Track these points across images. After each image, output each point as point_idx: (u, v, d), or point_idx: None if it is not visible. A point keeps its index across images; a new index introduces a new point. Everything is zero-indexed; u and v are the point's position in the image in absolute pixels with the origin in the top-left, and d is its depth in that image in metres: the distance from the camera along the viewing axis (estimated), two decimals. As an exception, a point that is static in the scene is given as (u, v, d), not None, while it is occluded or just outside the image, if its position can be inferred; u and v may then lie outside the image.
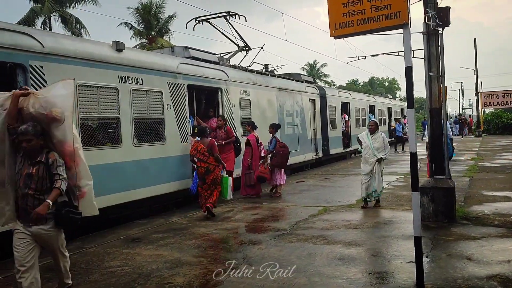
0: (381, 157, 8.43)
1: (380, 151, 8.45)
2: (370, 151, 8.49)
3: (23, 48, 6.48)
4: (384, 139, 8.53)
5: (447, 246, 5.78)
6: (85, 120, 7.41)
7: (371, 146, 8.49)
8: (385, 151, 8.52)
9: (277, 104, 14.10)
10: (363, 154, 8.63)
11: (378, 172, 8.44)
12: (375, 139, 8.53)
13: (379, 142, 8.47)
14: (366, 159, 8.54)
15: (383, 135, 8.59)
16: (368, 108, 24.66)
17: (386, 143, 8.55)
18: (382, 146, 8.45)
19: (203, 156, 8.30)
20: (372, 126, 8.72)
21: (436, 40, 7.28)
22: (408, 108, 4.16)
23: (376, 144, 8.47)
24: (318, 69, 65.34)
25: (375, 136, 8.56)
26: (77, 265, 5.68)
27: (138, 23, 35.35)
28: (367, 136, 8.64)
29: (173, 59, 9.89)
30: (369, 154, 8.50)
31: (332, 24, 4.50)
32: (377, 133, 8.59)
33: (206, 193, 8.31)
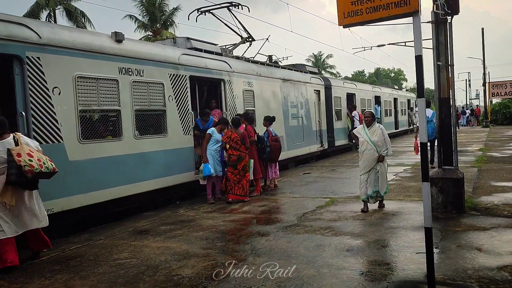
0: (382, 154, 7.48)
1: (380, 146, 7.47)
2: (370, 146, 7.50)
3: (19, 39, 6.39)
4: (383, 132, 7.56)
5: (457, 237, 5.74)
6: (85, 112, 7.35)
7: (370, 141, 7.50)
8: (386, 146, 7.53)
9: (281, 96, 14.02)
10: (361, 150, 7.65)
11: (383, 173, 7.56)
12: (373, 133, 7.55)
13: (377, 135, 7.49)
14: (365, 155, 7.56)
15: (381, 127, 7.65)
16: (374, 99, 24.51)
17: (386, 137, 7.56)
18: (382, 140, 7.47)
19: (235, 144, 8.98)
20: (369, 117, 7.70)
21: (444, 29, 7.18)
22: (418, 98, 4.09)
23: (374, 137, 7.49)
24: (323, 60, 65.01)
25: (372, 129, 7.58)
26: (85, 257, 5.70)
27: (143, 15, 35.29)
28: (364, 129, 7.69)
29: (174, 50, 9.82)
30: (369, 149, 7.51)
31: (340, 12, 4.42)
32: (374, 125, 7.62)
33: (235, 178, 8.98)
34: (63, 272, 5.16)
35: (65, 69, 7.00)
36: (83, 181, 7.18)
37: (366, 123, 7.69)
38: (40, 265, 5.46)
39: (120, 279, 4.81)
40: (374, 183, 7.51)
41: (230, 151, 9.00)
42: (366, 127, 7.67)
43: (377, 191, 7.53)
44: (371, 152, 7.48)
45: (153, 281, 4.69)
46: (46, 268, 5.32)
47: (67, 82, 7.01)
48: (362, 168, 7.64)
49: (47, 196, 6.55)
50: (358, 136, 7.76)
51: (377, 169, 7.51)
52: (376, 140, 7.46)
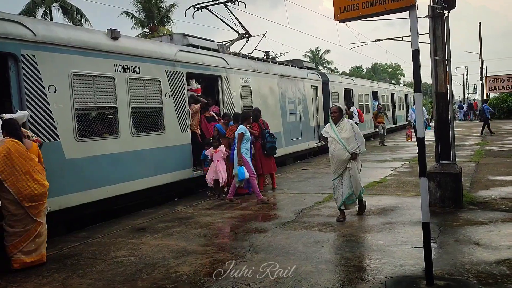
0: (355, 151, 6.64)
1: (351, 143, 6.62)
2: (339, 145, 6.61)
3: (14, 36, 6.34)
4: (353, 127, 6.73)
5: (455, 232, 5.74)
6: (81, 110, 7.30)
7: (339, 139, 6.63)
8: (357, 142, 6.67)
9: (279, 92, 13.99)
10: (330, 151, 6.78)
11: (355, 174, 6.67)
12: (342, 129, 6.69)
13: (347, 131, 6.65)
14: (335, 156, 6.69)
15: (351, 122, 6.85)
16: (372, 94, 24.50)
17: (358, 132, 6.73)
18: (352, 136, 6.63)
19: None
20: (335, 113, 6.75)
21: (441, 23, 7.16)
22: (415, 92, 4.07)
23: (344, 134, 6.64)
24: (321, 56, 64.90)
25: (340, 125, 6.73)
26: (83, 255, 5.69)
27: (139, 12, 35.13)
28: (331, 127, 6.79)
29: (170, 47, 9.77)
30: (339, 149, 6.62)
31: (336, 7, 4.39)
32: (343, 121, 6.76)
33: None
34: (60, 270, 5.15)
35: (60, 66, 6.96)
36: (81, 179, 7.16)
37: (333, 120, 6.78)
38: (38, 264, 5.43)
39: (118, 277, 4.79)
40: (349, 185, 6.67)
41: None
42: (334, 124, 6.79)
43: (352, 193, 6.69)
44: (341, 152, 6.62)
45: (151, 279, 4.68)
46: (43, 267, 5.30)
47: (63, 80, 6.97)
48: (334, 171, 6.79)
49: (44, 195, 6.53)
50: (326, 135, 6.91)
51: (349, 171, 6.66)
52: (345, 137, 6.63)
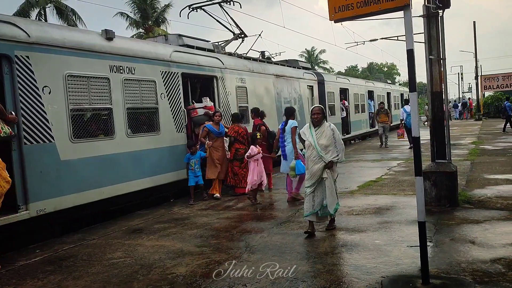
0: (332, 159, 5.97)
1: (329, 150, 5.95)
2: (315, 152, 5.98)
3: (7, 37, 6.29)
4: (334, 133, 6.04)
5: (451, 231, 5.76)
6: (76, 111, 7.25)
7: (315, 144, 5.97)
8: (336, 150, 6.01)
9: (275, 91, 13.98)
10: (306, 156, 6.21)
11: (329, 184, 5.97)
12: (321, 134, 6.02)
13: (326, 137, 5.99)
14: (309, 163, 6.08)
15: (332, 126, 6.08)
16: (367, 93, 24.54)
17: (338, 139, 6.07)
18: (331, 143, 5.97)
19: (242, 139, 9.27)
20: (318, 114, 6.07)
21: (436, 23, 7.18)
22: (410, 92, 4.08)
23: (322, 140, 5.98)
24: (316, 56, 64.98)
25: (320, 129, 6.05)
26: (79, 257, 5.66)
27: (134, 13, 35.06)
28: (310, 129, 6.15)
29: (166, 47, 9.74)
30: (314, 156, 5.98)
31: (331, 7, 4.40)
32: (324, 124, 6.08)
33: (243, 172, 9.18)
34: (56, 272, 5.12)
35: (55, 67, 6.92)
36: (76, 180, 7.12)
37: (314, 122, 6.10)
38: (33, 266, 5.41)
39: (114, 279, 4.77)
40: (322, 196, 6.01)
41: (238, 145, 9.25)
42: (313, 126, 6.13)
43: (325, 206, 6.01)
44: (316, 159, 5.96)
45: (147, 280, 4.66)
46: (39, 269, 5.27)
47: (57, 81, 6.93)
48: (308, 179, 6.12)
49: (39, 196, 6.51)
50: (303, 137, 6.24)
51: (324, 180, 5.99)
52: (323, 144, 5.96)
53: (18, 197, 6.29)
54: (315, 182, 6.00)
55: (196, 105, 10.17)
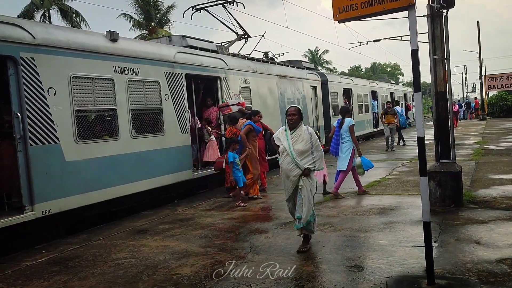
0: (309, 167, 5.34)
1: (305, 157, 5.33)
2: (289, 158, 5.34)
3: (13, 39, 6.34)
4: (312, 137, 5.40)
5: (455, 231, 5.74)
6: (81, 112, 7.29)
7: (290, 149, 5.32)
8: (313, 157, 5.37)
9: (278, 92, 13.99)
10: (281, 162, 5.49)
11: (306, 193, 5.32)
12: (297, 138, 5.38)
13: (303, 142, 5.35)
14: (283, 171, 5.44)
15: (309, 130, 5.46)
16: (371, 94, 24.51)
17: (316, 144, 5.44)
18: (308, 149, 5.34)
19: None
20: (294, 116, 5.42)
21: (440, 22, 7.17)
22: (415, 92, 4.08)
23: (298, 145, 5.34)
24: (319, 56, 64.96)
25: (296, 133, 5.41)
26: (84, 257, 5.68)
27: (138, 14, 35.17)
28: (285, 133, 5.47)
29: (169, 48, 9.77)
30: (288, 162, 5.35)
31: (335, 8, 4.40)
32: (300, 127, 5.44)
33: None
34: (61, 273, 5.14)
35: (60, 69, 6.96)
36: (81, 181, 7.15)
37: (290, 124, 5.45)
38: (39, 267, 5.44)
39: (119, 279, 4.79)
40: (298, 207, 5.39)
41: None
42: (289, 129, 5.47)
43: (299, 217, 5.35)
44: (291, 166, 5.34)
45: (152, 281, 4.67)
46: (44, 270, 5.30)
47: (62, 83, 6.96)
48: (285, 190, 5.56)
49: (44, 197, 6.55)
50: (278, 143, 5.57)
51: (299, 190, 5.37)
52: (299, 150, 5.32)
53: (23, 198, 6.34)
54: (292, 193, 5.42)
55: (230, 102, 10.28)
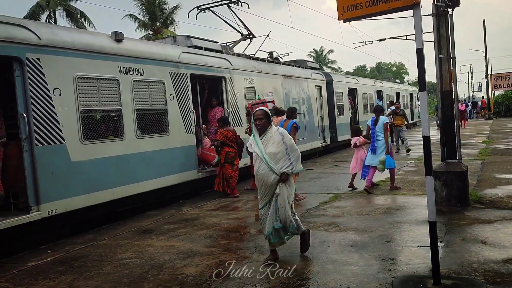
0: (285, 171, 4.95)
1: (279, 159, 4.93)
2: (263, 163, 4.94)
3: (18, 40, 6.37)
4: (284, 138, 5.00)
5: (461, 231, 5.71)
6: (86, 113, 7.32)
7: (263, 154, 4.93)
8: (289, 158, 4.97)
9: (283, 92, 13.98)
10: (256, 170, 5.07)
11: (283, 202, 4.94)
12: (268, 141, 4.98)
13: (275, 143, 4.96)
14: (259, 178, 5.01)
15: (280, 130, 5.08)
16: (376, 93, 24.44)
17: (290, 144, 5.01)
18: (282, 151, 4.95)
19: (231, 142, 9.40)
20: (261, 120, 4.99)
21: (445, 21, 7.13)
22: (420, 91, 4.06)
23: (270, 148, 4.94)
24: (324, 56, 64.87)
25: (267, 137, 5.01)
26: (89, 257, 5.71)
27: (143, 14, 35.25)
28: (255, 138, 5.08)
29: (174, 49, 9.79)
30: (263, 168, 4.93)
31: (340, 7, 4.39)
32: (270, 130, 5.04)
33: (235, 174, 9.43)
34: (67, 273, 5.17)
35: (65, 69, 6.99)
36: (86, 181, 7.18)
37: (258, 129, 5.04)
38: (45, 266, 5.46)
39: (125, 279, 4.81)
40: (275, 216, 4.98)
41: (228, 149, 9.34)
42: (258, 135, 5.07)
43: (281, 227, 5.00)
44: (266, 172, 4.92)
45: (158, 281, 4.68)
46: (50, 269, 5.32)
47: (67, 83, 7.00)
48: (260, 198, 5.10)
49: (50, 197, 6.58)
50: (250, 150, 5.19)
51: (277, 193, 4.96)
52: (272, 153, 4.93)
53: (29, 198, 6.37)
54: (268, 200, 4.99)
55: (267, 99, 10.55)
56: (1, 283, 4.96)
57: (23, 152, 6.36)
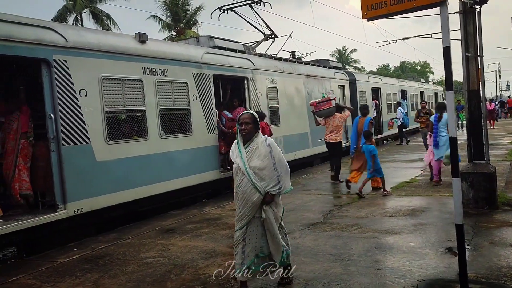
0: (270, 191, 4.16)
1: (265, 176, 4.15)
2: (245, 178, 4.15)
3: (46, 42, 6.51)
4: (272, 150, 4.20)
5: (489, 234, 5.56)
6: (111, 113, 7.43)
7: (245, 168, 4.15)
8: (277, 174, 4.18)
9: (305, 92, 13.90)
10: (235, 185, 4.28)
11: (271, 228, 4.20)
12: (253, 153, 4.20)
13: (261, 156, 4.18)
14: (239, 194, 4.21)
15: (268, 141, 4.26)
16: (400, 93, 24.06)
17: (279, 158, 4.21)
18: (269, 166, 4.16)
19: None
20: (247, 124, 4.21)
21: (473, 19, 6.96)
22: (447, 91, 3.96)
23: (255, 161, 4.17)
24: (347, 55, 64.27)
25: (252, 147, 4.23)
26: (114, 256, 5.79)
27: (166, 15, 35.64)
28: (238, 147, 4.28)
29: (197, 49, 9.85)
30: (245, 184, 4.15)
31: (364, 5, 4.32)
32: (257, 139, 4.26)
33: None
34: (93, 271, 5.25)
35: (91, 71, 7.12)
36: (110, 181, 7.29)
37: (243, 135, 4.25)
38: (71, 264, 5.57)
39: (148, 278, 4.86)
40: (258, 243, 4.23)
41: None
42: (242, 143, 4.29)
43: (267, 255, 4.28)
44: (248, 189, 4.14)
45: (181, 280, 4.72)
46: (76, 267, 5.43)
47: (93, 84, 7.12)
48: (238, 218, 4.28)
49: (76, 196, 6.71)
50: (232, 159, 4.35)
51: (262, 217, 4.20)
52: (257, 166, 4.16)
53: (56, 196, 6.51)
54: (246, 223, 4.21)
55: (331, 96, 10.86)
56: (29, 280, 5.09)
57: (50, 152, 6.50)
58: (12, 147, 6.62)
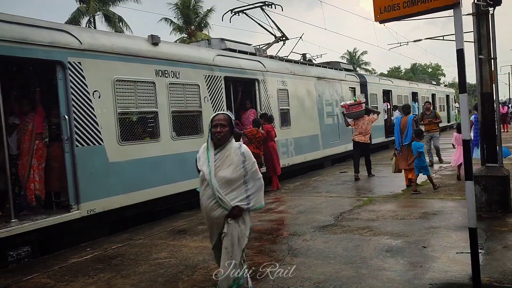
0: (239, 205, 3.71)
1: (234, 188, 3.71)
2: (209, 189, 3.70)
3: (61, 45, 6.61)
4: (246, 160, 3.76)
5: (503, 237, 5.50)
6: (124, 115, 7.51)
7: (210, 178, 3.69)
8: (246, 189, 3.75)
9: (316, 94, 13.90)
10: (200, 196, 3.85)
11: (228, 244, 3.70)
12: (223, 160, 3.74)
13: (231, 166, 3.72)
14: (204, 210, 3.80)
15: (242, 149, 3.81)
16: (411, 95, 23.91)
17: (252, 170, 3.78)
18: (239, 177, 3.72)
19: (257, 143, 9.76)
20: (223, 128, 3.73)
21: (486, 21, 6.91)
22: (460, 93, 3.95)
23: (224, 171, 3.71)
24: (358, 57, 63.97)
25: (222, 154, 3.76)
26: (126, 256, 5.84)
27: (178, 18, 35.84)
28: (207, 152, 3.82)
29: (209, 52, 9.91)
30: (209, 197, 3.71)
31: (376, 8, 4.32)
32: (230, 145, 3.80)
33: None
34: (105, 270, 5.31)
35: (104, 73, 7.20)
36: (123, 182, 7.36)
37: (217, 139, 3.76)
38: (84, 264, 5.64)
39: (160, 278, 4.90)
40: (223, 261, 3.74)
41: (252, 149, 9.36)
42: (213, 147, 3.81)
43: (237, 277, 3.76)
44: (209, 203, 3.72)
45: (192, 281, 4.75)
46: (89, 267, 5.49)
47: (106, 86, 7.20)
48: (209, 235, 3.97)
49: (89, 196, 6.78)
50: (198, 165, 3.95)
51: (224, 232, 3.74)
52: (226, 177, 3.70)
53: (70, 197, 6.60)
54: (216, 240, 3.82)
55: (362, 100, 11.32)
56: (43, 279, 5.16)
57: (64, 152, 6.59)
58: (28, 148, 6.72)
